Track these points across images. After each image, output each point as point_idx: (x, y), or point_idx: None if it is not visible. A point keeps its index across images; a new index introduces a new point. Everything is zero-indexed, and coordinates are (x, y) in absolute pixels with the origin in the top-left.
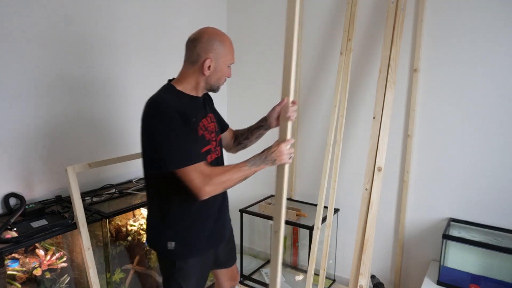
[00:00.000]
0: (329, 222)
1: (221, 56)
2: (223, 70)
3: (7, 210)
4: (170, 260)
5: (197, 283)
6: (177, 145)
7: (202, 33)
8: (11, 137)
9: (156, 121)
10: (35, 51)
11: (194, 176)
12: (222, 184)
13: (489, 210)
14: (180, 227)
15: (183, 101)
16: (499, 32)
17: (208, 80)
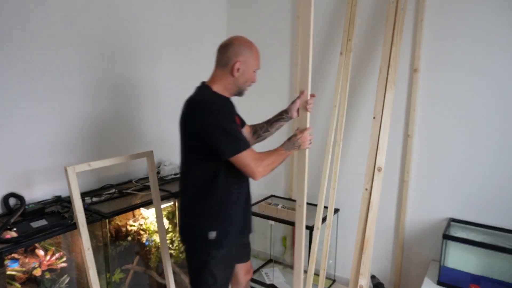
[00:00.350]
0: (329, 222)
1: (249, 61)
2: (250, 73)
3: (7, 210)
4: (205, 250)
5: (228, 273)
6: (230, 135)
7: (233, 40)
8: (12, 136)
9: (207, 117)
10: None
11: (248, 160)
12: (270, 165)
13: (489, 210)
14: (220, 218)
15: (224, 100)
16: (499, 32)
17: (236, 82)
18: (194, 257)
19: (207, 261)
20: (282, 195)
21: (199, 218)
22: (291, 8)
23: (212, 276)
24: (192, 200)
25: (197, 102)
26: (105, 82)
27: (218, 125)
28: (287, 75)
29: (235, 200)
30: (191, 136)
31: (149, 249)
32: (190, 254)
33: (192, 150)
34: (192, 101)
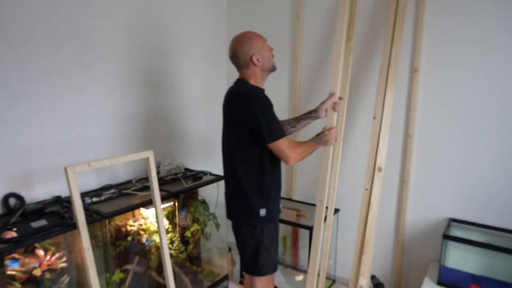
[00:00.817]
0: (329, 222)
1: (257, 45)
2: (266, 52)
3: (7, 210)
4: (259, 227)
5: (277, 245)
6: (270, 123)
7: (235, 45)
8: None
9: (253, 106)
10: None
11: (284, 147)
12: (301, 154)
13: (489, 210)
14: (270, 196)
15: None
16: (499, 32)
17: (263, 67)
18: (250, 236)
19: (262, 239)
20: (283, 195)
21: (251, 198)
22: (291, 8)
23: (267, 251)
24: (243, 183)
25: (242, 93)
26: (105, 82)
27: (262, 113)
28: (287, 75)
29: (278, 180)
30: (240, 123)
31: (149, 249)
32: (246, 235)
33: (241, 137)
34: (239, 92)
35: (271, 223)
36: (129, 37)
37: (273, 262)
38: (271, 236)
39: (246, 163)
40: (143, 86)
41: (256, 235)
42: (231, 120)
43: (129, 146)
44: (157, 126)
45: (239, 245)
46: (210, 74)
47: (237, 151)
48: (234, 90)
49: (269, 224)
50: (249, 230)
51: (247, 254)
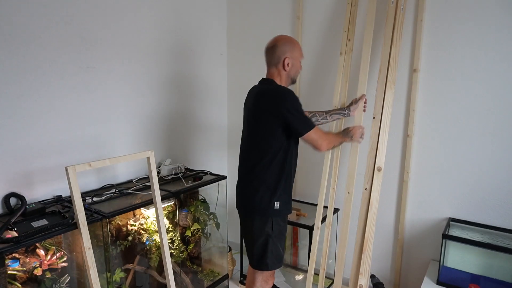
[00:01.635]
0: (329, 222)
1: (295, 54)
2: (297, 64)
3: (7, 210)
4: (270, 220)
5: (283, 244)
6: (303, 117)
7: (277, 41)
8: (12, 136)
9: (286, 102)
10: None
11: (317, 136)
12: (331, 143)
13: (489, 210)
14: (284, 191)
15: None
16: (498, 31)
17: (289, 74)
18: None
19: (271, 233)
20: None
21: (265, 193)
22: (291, 8)
23: (275, 246)
24: (262, 176)
25: (274, 90)
26: (104, 81)
27: (295, 108)
28: None
29: (292, 175)
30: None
31: (149, 248)
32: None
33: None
34: (271, 90)
35: (282, 218)
36: (132, 38)
37: (279, 257)
38: (280, 231)
39: (268, 157)
40: (144, 86)
41: (267, 229)
42: (261, 116)
43: (129, 146)
44: (157, 126)
45: (247, 239)
46: (211, 74)
47: (261, 146)
48: (264, 88)
49: (280, 217)
50: (261, 222)
51: (256, 248)
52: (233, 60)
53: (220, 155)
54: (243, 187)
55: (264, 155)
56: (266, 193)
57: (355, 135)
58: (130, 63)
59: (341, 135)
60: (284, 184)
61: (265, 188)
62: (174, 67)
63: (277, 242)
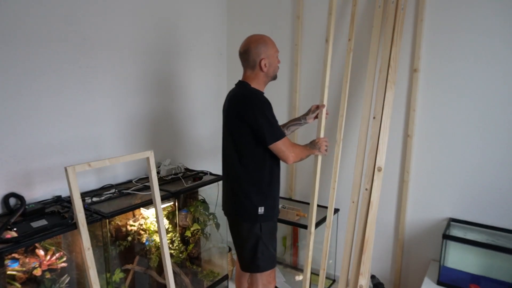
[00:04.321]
0: (329, 222)
1: (270, 53)
2: (275, 61)
3: (7, 210)
4: (258, 224)
5: (275, 241)
6: (272, 125)
7: (249, 43)
8: (12, 136)
9: (256, 108)
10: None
11: (285, 147)
12: (298, 155)
13: (489, 210)
14: (269, 195)
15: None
16: (499, 31)
17: (268, 74)
18: (249, 233)
19: (260, 235)
20: (283, 195)
21: (250, 198)
22: (291, 8)
23: (266, 247)
24: (244, 182)
25: (244, 95)
26: (104, 81)
27: (264, 115)
28: (287, 75)
29: (277, 179)
30: (243, 124)
31: (149, 249)
32: (245, 232)
33: (243, 138)
34: (240, 95)
35: (269, 221)
36: (131, 38)
37: (271, 258)
38: (270, 233)
39: (247, 162)
40: (144, 86)
41: (255, 232)
42: (234, 121)
43: (129, 146)
44: (157, 126)
45: (237, 243)
46: (211, 75)
47: (239, 151)
48: (236, 93)
49: (267, 221)
50: (248, 227)
51: (245, 251)
52: (233, 60)
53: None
54: (226, 192)
55: (243, 160)
56: (249, 200)
57: (322, 147)
58: (130, 63)
59: (309, 148)
60: (267, 189)
61: (248, 195)
62: (174, 67)
63: (267, 243)
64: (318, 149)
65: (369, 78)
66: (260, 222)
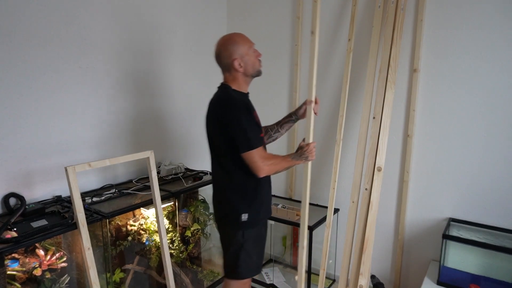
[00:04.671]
0: (329, 222)
1: (241, 50)
2: (250, 57)
3: (7, 210)
4: (240, 232)
5: (260, 250)
6: (245, 132)
7: (219, 46)
8: (12, 136)
9: (228, 113)
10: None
11: (258, 157)
12: (274, 166)
13: (489, 210)
14: (254, 201)
15: (243, 97)
16: (499, 31)
17: (246, 72)
18: (232, 241)
19: (243, 243)
20: (282, 195)
21: (232, 204)
22: (291, 8)
23: (248, 255)
24: (225, 189)
25: (220, 99)
26: (104, 81)
27: (238, 121)
28: (287, 75)
29: (262, 185)
30: (219, 131)
31: (149, 249)
32: (228, 241)
33: (222, 144)
34: (216, 99)
35: (254, 228)
36: (126, 37)
37: (254, 266)
38: (254, 240)
39: (230, 169)
40: (144, 86)
41: (237, 239)
42: (212, 127)
43: (129, 146)
44: (157, 126)
45: (222, 248)
46: (210, 75)
47: (220, 157)
48: (215, 96)
49: (252, 229)
50: (231, 234)
51: (228, 257)
52: None
53: None
54: (213, 197)
55: (224, 167)
56: (232, 206)
57: (311, 155)
58: (131, 64)
59: (290, 159)
60: (252, 194)
61: (230, 201)
62: (174, 67)
63: (250, 251)
64: (305, 158)
65: (369, 78)
66: (243, 229)
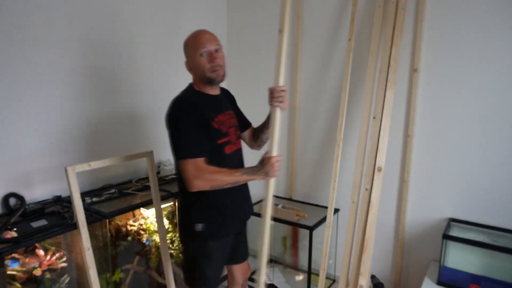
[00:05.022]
0: (329, 222)
1: (191, 54)
2: (199, 62)
3: (7, 210)
4: (194, 243)
5: (216, 267)
6: (184, 139)
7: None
8: (12, 136)
9: (174, 117)
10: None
11: (190, 169)
12: (210, 182)
13: (489, 210)
14: (205, 211)
15: (200, 98)
16: (499, 31)
17: (197, 76)
18: (186, 251)
19: (196, 255)
20: (282, 195)
21: (187, 212)
22: (291, 9)
23: (200, 269)
24: (182, 196)
25: (172, 102)
26: (103, 81)
27: (176, 126)
28: (287, 75)
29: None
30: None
31: (149, 249)
32: (184, 249)
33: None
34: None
35: (211, 240)
36: (133, 39)
37: (204, 280)
38: (209, 254)
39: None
40: (145, 86)
41: (191, 250)
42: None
43: (129, 146)
44: (158, 126)
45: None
46: None
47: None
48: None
49: (207, 241)
50: (184, 242)
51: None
52: (233, 59)
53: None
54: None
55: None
56: (185, 214)
57: (273, 171)
58: (133, 64)
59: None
60: (213, 201)
61: (185, 209)
62: (174, 67)
63: (203, 265)
64: (264, 174)
65: (369, 78)
66: (196, 240)
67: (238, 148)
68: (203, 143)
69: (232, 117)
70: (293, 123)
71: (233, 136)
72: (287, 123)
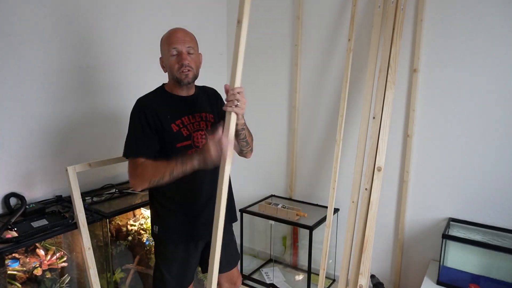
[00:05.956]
0: (329, 222)
1: (163, 52)
2: (170, 62)
3: (7, 210)
4: (156, 244)
5: (178, 272)
6: (129, 138)
7: None
8: (12, 136)
9: (130, 116)
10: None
11: (129, 167)
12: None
13: (489, 210)
14: (161, 214)
15: (162, 99)
16: (499, 31)
17: (169, 75)
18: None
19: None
20: (282, 195)
21: (152, 213)
22: (291, 8)
23: (160, 272)
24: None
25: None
26: (101, 80)
27: (130, 126)
28: (287, 75)
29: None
30: None
31: (149, 248)
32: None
33: None
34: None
35: (169, 243)
36: (130, 38)
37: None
38: (168, 258)
39: None
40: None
41: (155, 251)
42: None
43: None
44: None
45: None
46: (211, 74)
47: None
48: None
49: (166, 245)
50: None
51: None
52: None
53: None
54: None
55: None
56: (151, 215)
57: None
58: (135, 62)
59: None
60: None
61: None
62: None
63: (163, 268)
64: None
65: (369, 78)
66: (156, 242)
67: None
68: (149, 144)
69: (204, 120)
70: (293, 123)
71: (199, 140)
72: (287, 123)
